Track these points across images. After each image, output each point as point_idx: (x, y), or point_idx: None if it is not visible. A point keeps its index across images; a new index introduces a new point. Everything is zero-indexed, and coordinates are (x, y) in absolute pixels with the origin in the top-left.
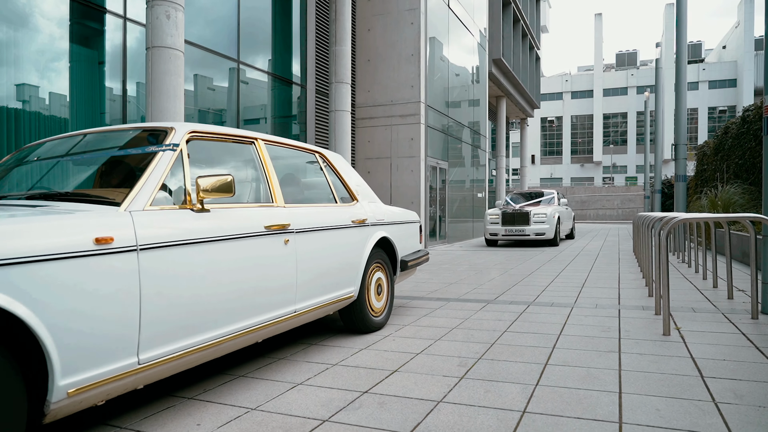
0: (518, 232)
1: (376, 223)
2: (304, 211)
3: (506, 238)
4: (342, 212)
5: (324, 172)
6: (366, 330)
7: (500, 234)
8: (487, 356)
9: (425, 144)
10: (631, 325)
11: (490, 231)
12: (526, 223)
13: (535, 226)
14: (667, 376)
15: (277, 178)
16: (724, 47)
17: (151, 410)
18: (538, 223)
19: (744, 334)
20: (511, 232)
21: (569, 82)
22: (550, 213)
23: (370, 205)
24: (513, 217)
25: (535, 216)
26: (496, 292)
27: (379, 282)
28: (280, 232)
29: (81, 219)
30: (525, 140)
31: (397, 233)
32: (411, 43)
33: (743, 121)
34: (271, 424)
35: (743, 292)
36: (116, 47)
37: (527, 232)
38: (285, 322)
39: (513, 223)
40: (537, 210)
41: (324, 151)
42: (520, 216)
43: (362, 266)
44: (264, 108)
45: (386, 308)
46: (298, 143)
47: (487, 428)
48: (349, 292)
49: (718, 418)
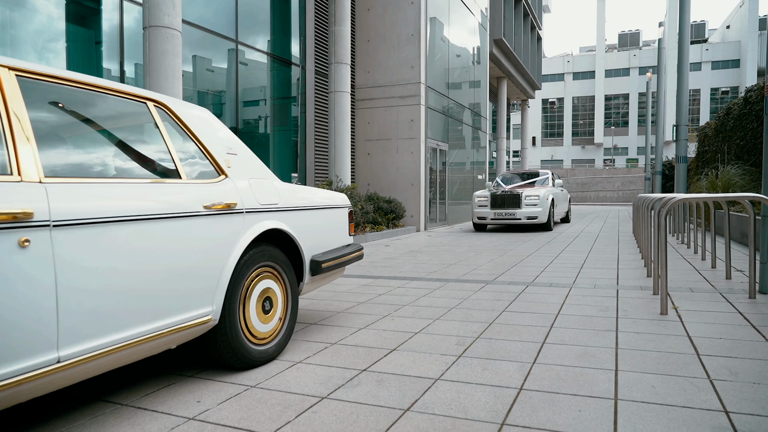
0: (508, 215)
1: (258, 209)
2: (79, 191)
3: (495, 222)
4: (184, 192)
5: (161, 131)
6: (242, 365)
7: (489, 218)
8: (485, 335)
9: (425, 125)
10: (629, 304)
11: (478, 214)
12: (517, 206)
13: (526, 209)
14: (664, 354)
15: (33, 133)
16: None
17: (150, 388)
18: (530, 205)
19: (741, 314)
20: (500, 215)
21: (571, 63)
22: (543, 195)
23: (250, 183)
24: (503, 199)
25: (527, 198)
26: (494, 273)
27: (268, 295)
28: (7, 226)
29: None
30: (526, 122)
31: (304, 223)
32: (411, 23)
33: (745, 102)
34: (270, 401)
35: (741, 273)
36: (113, 27)
37: (518, 216)
38: (31, 383)
39: (503, 206)
40: (529, 192)
41: (166, 100)
42: (511, 198)
43: (227, 274)
44: (263, 89)
45: (280, 331)
46: (105, 83)
47: (484, 405)
48: (200, 316)
49: (712, 395)
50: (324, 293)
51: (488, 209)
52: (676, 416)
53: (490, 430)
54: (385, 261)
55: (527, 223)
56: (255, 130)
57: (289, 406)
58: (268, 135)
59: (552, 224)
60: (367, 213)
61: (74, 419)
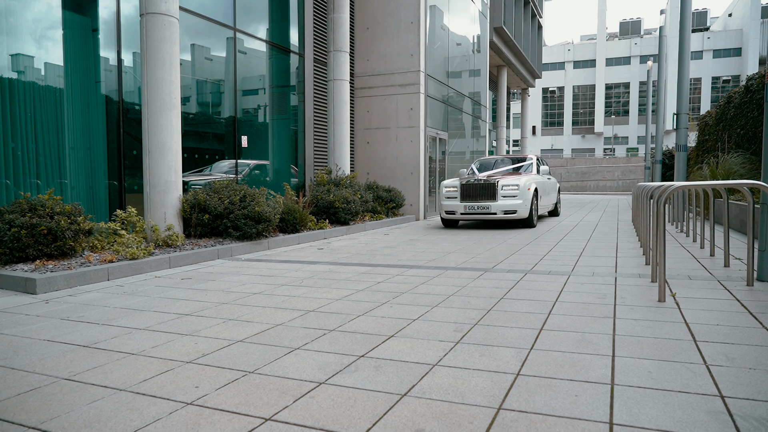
0: (481, 209)
1: None
2: None
3: (467, 218)
4: None
5: None
6: None
7: (459, 212)
8: (483, 322)
9: (425, 114)
10: (627, 292)
11: (446, 207)
12: (492, 198)
13: (503, 202)
14: (661, 341)
15: None
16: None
17: (148, 373)
18: (508, 197)
19: (738, 301)
20: (472, 209)
21: (571, 52)
22: (523, 184)
23: None
24: (475, 189)
25: (504, 188)
26: (493, 261)
27: None
28: None
29: None
30: (526, 111)
31: None
32: (411, 10)
33: (746, 91)
34: (268, 386)
35: (740, 261)
36: (110, 14)
37: (493, 210)
38: None
39: (475, 198)
40: (507, 180)
41: None
42: (484, 188)
43: None
44: (262, 78)
45: None
46: None
47: (481, 390)
48: None
49: (708, 380)
50: (322, 280)
51: (458, 202)
52: (672, 401)
53: (487, 414)
54: (385, 249)
55: (504, 218)
56: (254, 118)
57: (287, 391)
58: (267, 124)
59: (535, 219)
60: (366, 202)
61: (72, 404)
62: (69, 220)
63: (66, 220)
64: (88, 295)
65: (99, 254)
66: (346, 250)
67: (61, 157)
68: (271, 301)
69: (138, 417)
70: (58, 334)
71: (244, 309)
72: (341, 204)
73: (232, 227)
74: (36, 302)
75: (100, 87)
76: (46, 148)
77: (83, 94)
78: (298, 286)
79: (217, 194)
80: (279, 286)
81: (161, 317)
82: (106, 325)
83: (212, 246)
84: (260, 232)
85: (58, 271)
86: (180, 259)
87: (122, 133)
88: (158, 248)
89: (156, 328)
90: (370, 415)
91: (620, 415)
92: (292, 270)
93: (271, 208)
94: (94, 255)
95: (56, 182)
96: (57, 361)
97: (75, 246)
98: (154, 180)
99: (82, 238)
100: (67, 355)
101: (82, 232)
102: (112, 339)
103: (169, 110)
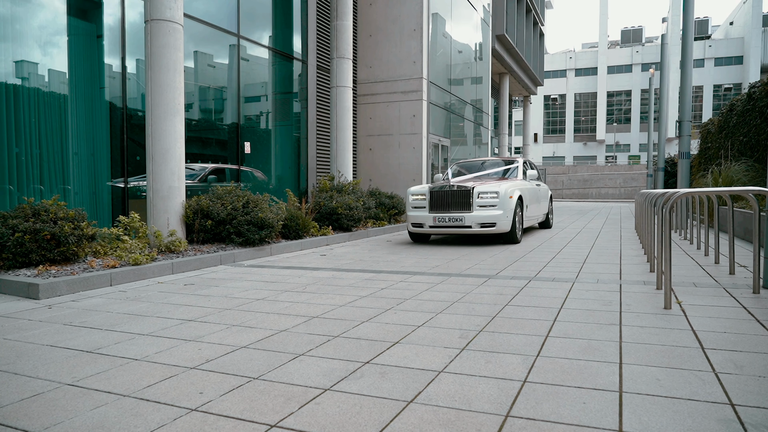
0: (453, 221)
1: None
2: None
3: (437, 231)
4: None
5: None
6: None
7: (427, 224)
8: (488, 329)
9: (427, 121)
10: (632, 299)
11: (414, 219)
12: (466, 208)
13: (479, 213)
14: (668, 348)
15: None
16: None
17: (152, 379)
18: (485, 207)
19: (745, 308)
20: (442, 221)
21: (573, 60)
22: (503, 191)
23: None
24: (446, 197)
25: (481, 196)
26: (497, 268)
27: None
28: None
29: None
30: (527, 118)
31: None
32: (413, 17)
33: (749, 98)
34: (273, 392)
35: (745, 268)
36: (115, 20)
37: (467, 222)
38: None
39: (446, 208)
40: (484, 187)
41: None
42: (457, 196)
43: None
44: (265, 84)
45: None
46: None
47: (488, 397)
48: None
49: (717, 388)
50: (326, 286)
51: (426, 212)
52: (682, 408)
53: (495, 422)
54: (388, 256)
55: (481, 232)
56: (256, 125)
57: (292, 398)
58: (270, 130)
59: (518, 233)
60: (369, 208)
61: (76, 409)
62: (72, 225)
63: (69, 226)
64: (91, 300)
65: (102, 260)
66: (349, 256)
67: (64, 163)
68: (274, 307)
69: (142, 423)
70: (61, 339)
71: (247, 315)
72: (344, 210)
73: (235, 233)
74: (39, 307)
75: (104, 93)
76: (49, 154)
77: (87, 100)
78: (302, 292)
79: (220, 200)
80: (282, 292)
81: (164, 323)
82: (109, 331)
83: (215, 252)
84: (263, 238)
85: (61, 276)
86: (183, 265)
87: (126, 139)
88: (161, 254)
89: (159, 333)
90: (377, 422)
91: (629, 422)
92: (295, 276)
93: (274, 215)
94: (97, 260)
95: (59, 188)
96: (60, 367)
97: (78, 251)
98: (157, 186)
99: (85, 243)
100: (70, 361)
101: (85, 238)
102: (115, 344)
103: (173, 116)
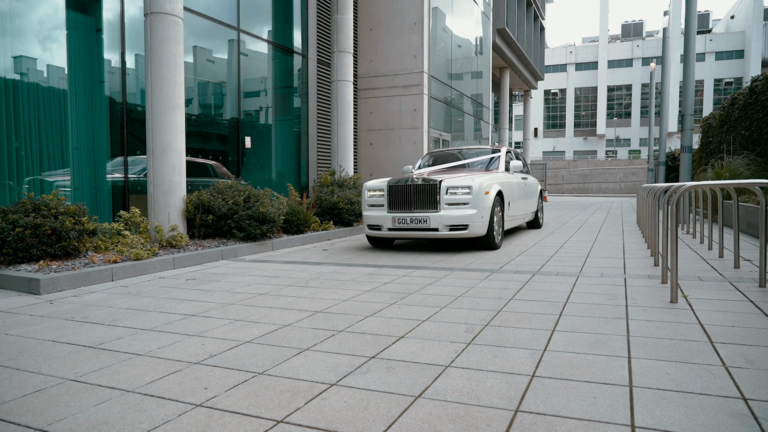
0: (416, 223)
1: None
2: None
3: (397, 235)
4: None
5: None
6: None
7: (386, 226)
8: (493, 323)
9: (428, 115)
10: (637, 293)
11: (370, 220)
12: (432, 207)
13: (448, 212)
14: (676, 342)
15: None
16: (732, 17)
17: (156, 374)
18: (455, 205)
19: (752, 302)
20: (403, 223)
21: (573, 54)
22: (478, 186)
23: None
24: (407, 193)
25: (450, 192)
26: (500, 262)
27: None
28: None
29: None
30: (528, 113)
31: None
32: (414, 11)
33: (751, 92)
34: (278, 387)
35: (749, 262)
36: (114, 14)
37: (433, 224)
38: None
39: (408, 206)
40: (454, 181)
41: None
42: (421, 192)
43: None
44: (266, 79)
45: None
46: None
47: (496, 392)
48: None
49: (729, 382)
50: (328, 281)
51: (385, 212)
52: (694, 403)
53: (505, 417)
54: (389, 250)
55: (450, 236)
56: (257, 120)
57: (298, 393)
58: (270, 125)
59: (497, 238)
60: None
61: (79, 405)
62: (73, 220)
63: (70, 221)
64: (93, 295)
65: (103, 255)
66: (351, 251)
67: (64, 158)
68: (277, 302)
69: (147, 419)
70: (63, 334)
71: (250, 310)
72: (345, 205)
73: (237, 228)
74: (40, 303)
75: (104, 87)
76: (49, 149)
77: (87, 95)
78: (304, 287)
79: (221, 195)
80: (285, 287)
81: (167, 318)
82: (111, 326)
83: (216, 247)
84: (264, 233)
85: (61, 271)
86: (184, 260)
87: (126, 134)
88: (162, 249)
89: (162, 328)
90: (385, 418)
91: (641, 417)
92: (297, 271)
93: (276, 209)
94: (98, 255)
95: (59, 182)
96: (62, 362)
97: (79, 246)
98: (158, 180)
99: (86, 238)
100: (73, 356)
101: (86, 233)
102: (117, 340)
103: (173, 110)
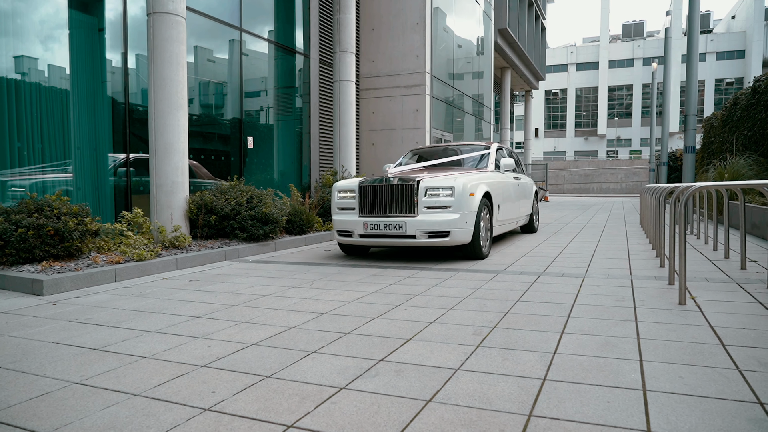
0: (391, 229)
1: None
2: None
3: (369, 242)
4: None
5: None
6: None
7: (357, 232)
8: (501, 325)
9: (430, 115)
10: (645, 294)
11: (340, 225)
12: (408, 210)
13: (426, 217)
14: (688, 344)
15: None
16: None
17: (162, 377)
18: (435, 209)
19: (761, 303)
20: (376, 228)
21: (574, 54)
22: (461, 187)
23: None
24: (381, 194)
25: (430, 193)
26: (504, 263)
27: None
28: None
29: None
30: (529, 113)
31: None
32: (416, 11)
33: (753, 92)
34: (287, 391)
35: (756, 263)
36: (117, 13)
37: (409, 230)
38: None
39: (382, 210)
40: (434, 181)
41: None
42: (396, 193)
43: None
44: (267, 78)
45: None
46: None
47: (508, 396)
48: None
49: (744, 386)
50: (333, 282)
51: (356, 216)
52: (710, 407)
53: (518, 421)
54: (394, 251)
55: (429, 244)
56: (258, 120)
57: (307, 397)
58: (272, 125)
59: (483, 246)
60: None
61: (86, 409)
62: (76, 221)
63: (73, 221)
64: (96, 296)
65: (106, 255)
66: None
67: (66, 158)
68: (282, 303)
69: (155, 423)
70: (67, 336)
71: (255, 311)
72: None
73: (239, 228)
74: (43, 304)
75: (106, 87)
76: (52, 149)
77: (89, 95)
78: (309, 288)
79: (223, 195)
80: (289, 288)
81: (171, 319)
82: (115, 328)
83: (219, 247)
84: (267, 234)
85: (64, 272)
86: (187, 261)
87: (128, 134)
88: (165, 249)
89: (167, 330)
90: (396, 422)
91: (657, 422)
92: (301, 272)
93: (279, 210)
94: (101, 256)
95: (62, 183)
96: (67, 365)
97: (82, 247)
98: (160, 181)
99: (89, 239)
100: (78, 359)
101: (89, 233)
102: (122, 342)
103: (176, 110)
